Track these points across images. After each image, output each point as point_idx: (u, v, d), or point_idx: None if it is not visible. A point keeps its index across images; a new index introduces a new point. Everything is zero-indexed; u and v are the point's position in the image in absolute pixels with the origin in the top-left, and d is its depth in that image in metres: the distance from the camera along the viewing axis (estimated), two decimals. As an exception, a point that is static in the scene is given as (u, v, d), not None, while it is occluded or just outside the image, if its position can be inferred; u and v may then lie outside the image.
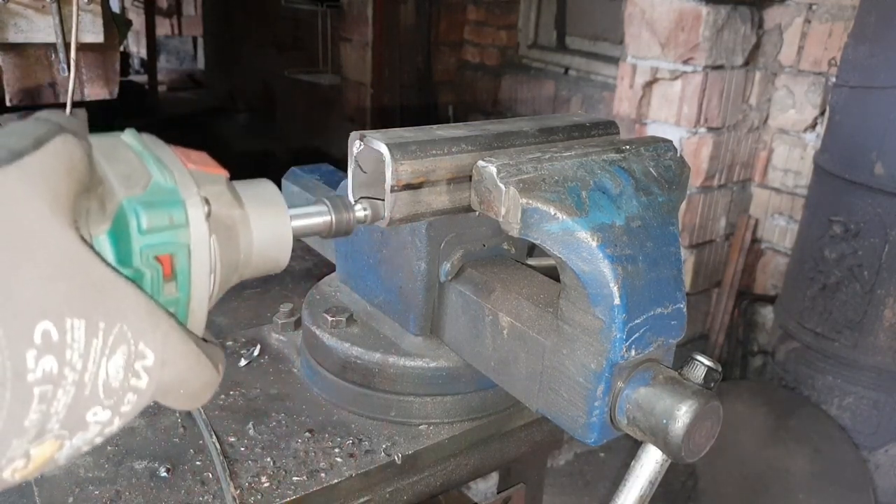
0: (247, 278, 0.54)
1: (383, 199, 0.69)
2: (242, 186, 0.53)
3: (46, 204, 0.35)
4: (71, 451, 0.38)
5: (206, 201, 0.45)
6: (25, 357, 0.33)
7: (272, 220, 0.53)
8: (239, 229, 0.51)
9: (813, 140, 2.86)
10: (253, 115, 6.85)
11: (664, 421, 0.61)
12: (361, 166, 0.74)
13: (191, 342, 0.42)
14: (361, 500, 0.79)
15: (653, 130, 2.83)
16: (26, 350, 0.33)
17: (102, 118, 0.50)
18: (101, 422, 0.38)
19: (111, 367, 0.37)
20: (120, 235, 0.42)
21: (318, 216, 0.62)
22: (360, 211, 0.66)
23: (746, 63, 2.82)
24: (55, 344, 0.34)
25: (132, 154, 0.45)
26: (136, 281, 0.41)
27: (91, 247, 0.38)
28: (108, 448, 0.79)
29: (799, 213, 2.85)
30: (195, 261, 0.44)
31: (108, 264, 0.39)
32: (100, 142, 0.44)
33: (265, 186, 0.55)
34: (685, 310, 0.70)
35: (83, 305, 0.36)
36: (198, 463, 0.78)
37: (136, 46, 8.36)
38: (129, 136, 0.47)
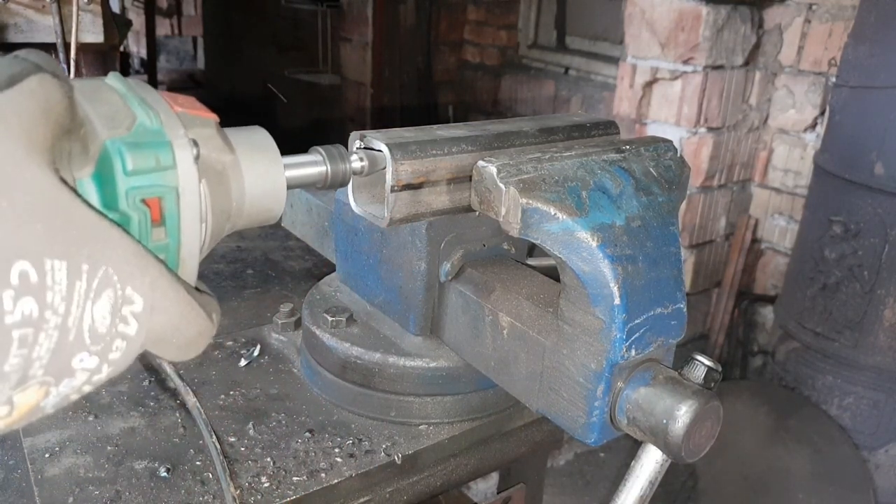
0: (239, 228, 0.52)
1: (380, 150, 0.67)
2: (234, 133, 0.51)
3: (21, 144, 0.34)
4: (58, 399, 0.37)
5: (195, 143, 0.44)
6: (2, 298, 0.32)
7: (265, 167, 0.51)
8: (230, 175, 0.49)
9: (813, 140, 2.86)
10: (253, 115, 6.85)
11: (664, 421, 0.61)
12: (361, 166, 0.74)
13: (182, 289, 0.41)
14: (361, 500, 0.79)
15: (653, 130, 2.83)
16: (2, 291, 0.32)
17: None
18: (89, 368, 0.37)
19: (97, 311, 0.36)
20: (104, 178, 0.41)
21: (312, 165, 0.59)
22: (357, 162, 0.64)
23: (746, 63, 2.82)
24: (34, 285, 0.33)
25: (116, 96, 0.43)
26: (122, 225, 0.40)
27: (72, 188, 0.37)
28: (108, 448, 0.79)
29: (799, 213, 2.85)
30: (184, 205, 0.43)
31: (91, 206, 0.37)
32: (82, 84, 0.43)
33: (258, 133, 0.53)
34: (685, 310, 0.70)
35: (64, 247, 0.34)
36: (198, 463, 0.78)
37: (136, 46, 8.36)
38: (113, 79, 0.45)
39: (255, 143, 0.52)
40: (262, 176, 0.51)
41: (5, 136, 0.33)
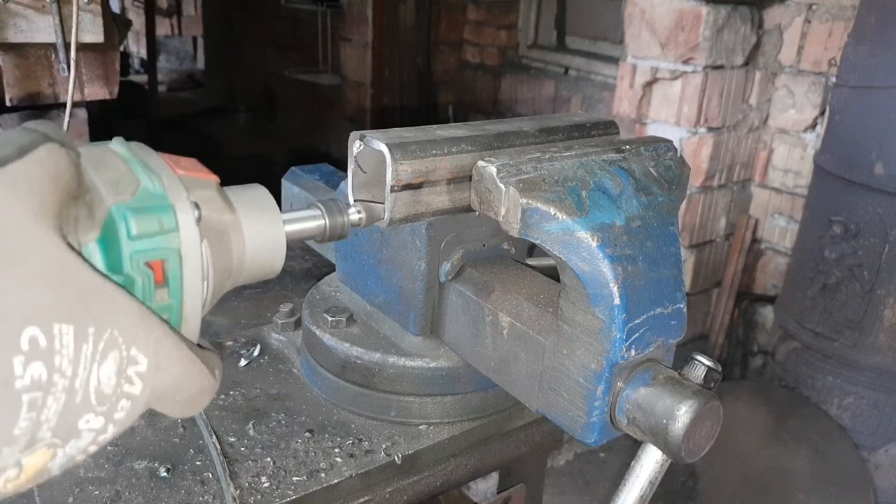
0: (241, 284, 0.54)
1: (380, 202, 0.68)
2: (234, 192, 0.53)
3: (31, 211, 0.35)
4: (64, 461, 0.38)
5: (196, 206, 0.45)
6: (12, 363, 0.33)
7: (265, 225, 0.53)
8: (231, 234, 0.50)
9: (813, 140, 2.86)
10: (253, 115, 6.85)
11: (664, 421, 0.61)
12: (361, 166, 0.74)
13: (185, 347, 0.42)
14: (361, 500, 0.79)
15: (653, 130, 2.83)
16: (13, 356, 0.33)
17: (102, 118, 0.49)
18: (95, 429, 0.38)
19: (103, 373, 0.37)
20: (109, 242, 0.42)
21: (311, 220, 0.61)
22: (355, 214, 0.65)
23: (746, 63, 2.82)
24: (43, 350, 0.34)
25: (120, 161, 0.44)
26: (127, 287, 0.41)
27: (78, 253, 0.38)
28: (108, 448, 0.79)
29: (799, 213, 2.85)
30: (187, 266, 0.44)
31: (97, 270, 0.38)
32: (87, 150, 0.44)
33: (257, 191, 0.54)
34: (685, 310, 0.70)
35: (71, 311, 0.35)
36: (198, 463, 0.78)
37: (136, 46, 8.36)
38: (117, 145, 0.46)
39: (255, 202, 0.53)
40: (262, 233, 0.52)
41: (17, 204, 0.34)
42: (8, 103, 1.42)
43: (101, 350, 0.37)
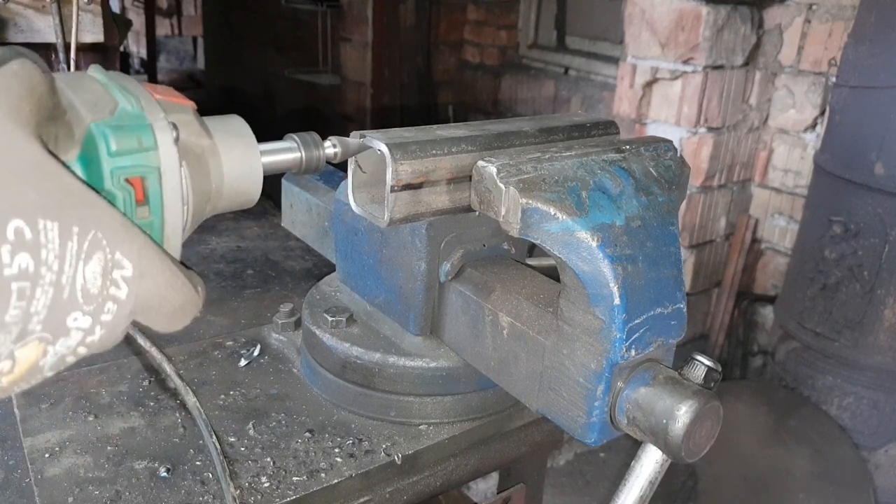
0: (220, 211, 0.55)
1: (357, 139, 0.69)
2: (212, 120, 0.54)
3: (8, 118, 0.36)
4: (55, 360, 0.39)
5: (174, 126, 0.46)
6: (0, 251, 0.34)
7: (242, 152, 0.54)
8: (209, 159, 0.51)
9: (813, 140, 2.86)
10: (253, 115, 6.85)
11: (664, 421, 0.61)
12: (361, 166, 0.74)
13: (167, 259, 0.43)
14: (361, 500, 0.79)
15: (653, 130, 2.83)
16: (1, 245, 0.34)
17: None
18: (83, 328, 0.39)
19: (88, 272, 0.38)
20: (90, 159, 0.43)
21: (287, 151, 0.62)
22: (330, 148, 0.65)
23: (746, 63, 2.82)
24: (29, 242, 0.35)
25: (98, 85, 0.46)
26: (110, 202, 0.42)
27: (59, 159, 0.39)
28: (108, 448, 0.79)
29: (799, 213, 2.85)
30: (166, 184, 0.45)
31: (79, 177, 0.40)
32: (65, 75, 0.46)
33: (234, 120, 0.56)
34: (685, 310, 0.70)
35: (55, 209, 0.37)
36: (198, 463, 0.78)
37: (136, 46, 8.36)
38: (94, 71, 0.48)
39: (232, 130, 0.55)
40: (239, 160, 0.54)
41: None
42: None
43: (85, 249, 0.38)
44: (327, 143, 0.65)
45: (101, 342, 0.40)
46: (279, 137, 0.62)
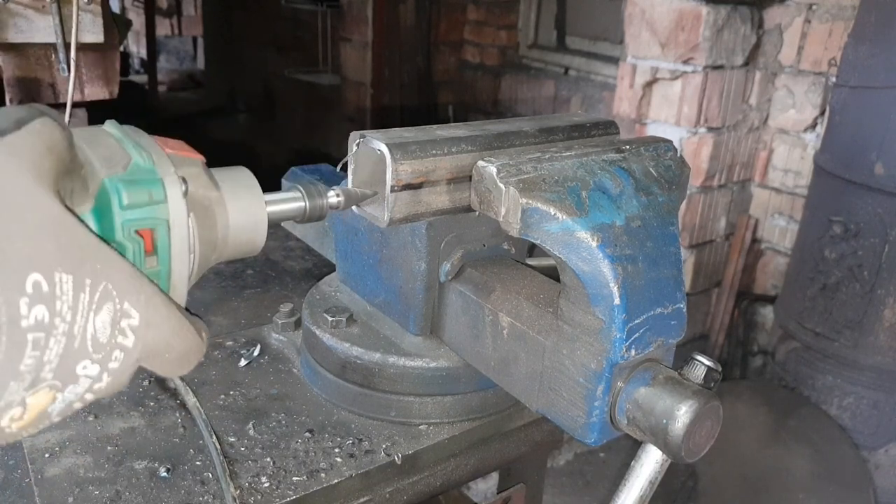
0: (225, 259, 0.57)
1: (363, 191, 0.70)
2: (219, 172, 0.56)
3: (31, 175, 0.38)
4: (63, 406, 0.40)
5: (184, 180, 0.48)
6: (19, 304, 0.36)
7: (247, 203, 0.56)
8: (216, 210, 0.54)
9: (813, 140, 2.86)
10: (253, 115, 6.85)
11: (664, 421, 0.61)
12: (362, 166, 0.74)
13: (174, 308, 0.45)
14: (361, 500, 0.79)
15: (653, 130, 2.83)
16: (19, 298, 0.36)
17: (102, 118, 0.52)
18: (91, 376, 0.41)
19: (98, 322, 0.40)
20: (103, 212, 0.45)
21: (292, 202, 0.64)
22: (333, 197, 0.67)
23: (746, 63, 2.82)
24: (45, 294, 0.37)
25: (112, 139, 0.48)
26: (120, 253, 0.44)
27: (75, 214, 0.41)
28: (108, 448, 0.79)
29: (799, 213, 2.85)
30: (174, 235, 0.47)
31: (92, 230, 0.42)
32: (81, 130, 0.48)
33: (241, 172, 0.58)
34: (685, 310, 0.70)
35: (70, 262, 0.39)
36: (198, 463, 0.78)
37: (136, 46, 8.36)
38: (109, 126, 0.50)
39: (239, 181, 0.57)
40: (244, 211, 0.56)
41: (18, 167, 0.38)
42: (8, 103, 1.42)
43: (96, 300, 0.40)
44: (331, 193, 0.67)
45: (108, 388, 0.42)
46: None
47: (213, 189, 0.54)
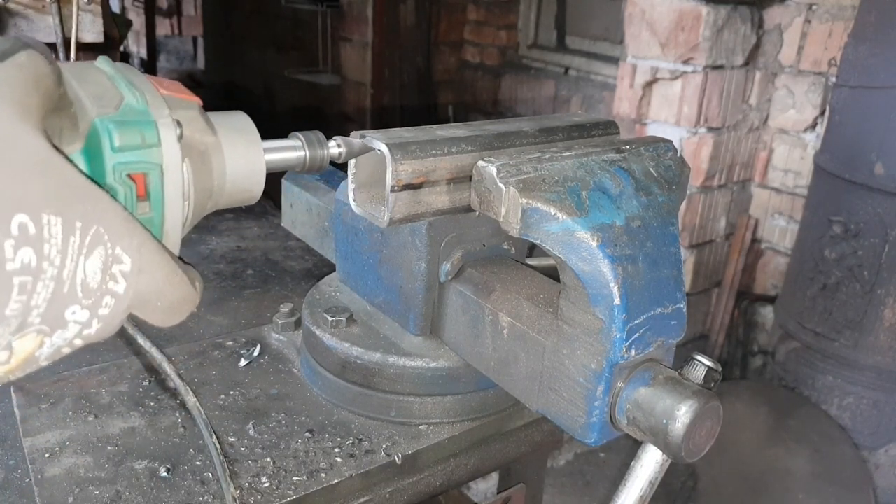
0: (221, 207, 0.55)
1: (359, 139, 0.68)
2: (217, 116, 0.54)
3: (15, 111, 0.36)
4: (51, 350, 0.39)
5: (178, 123, 0.46)
6: (4, 247, 0.35)
7: (245, 149, 0.54)
8: (212, 155, 0.51)
9: (813, 140, 2.86)
10: (253, 115, 6.85)
11: (664, 421, 0.61)
12: (362, 166, 0.74)
13: (167, 255, 0.43)
14: (361, 500, 0.79)
15: (653, 130, 2.83)
16: (4, 240, 0.35)
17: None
18: (80, 322, 0.39)
19: (89, 266, 0.39)
20: (93, 153, 0.43)
21: (291, 150, 0.62)
22: (334, 147, 0.65)
23: (746, 63, 2.82)
24: (32, 237, 0.36)
25: (104, 77, 0.46)
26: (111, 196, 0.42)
27: (64, 154, 0.39)
28: (108, 448, 0.79)
29: (799, 213, 2.85)
30: (168, 181, 0.46)
31: (82, 171, 0.40)
32: (72, 66, 0.46)
33: (239, 117, 0.56)
34: (685, 310, 0.70)
35: (59, 204, 0.37)
36: (198, 463, 0.78)
37: (136, 46, 8.36)
38: (101, 62, 0.48)
39: (237, 126, 0.55)
40: (242, 157, 0.54)
41: (1, 103, 0.36)
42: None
43: (87, 244, 0.38)
44: (332, 143, 0.65)
45: (98, 334, 0.41)
46: (281, 137, 0.63)
47: (210, 134, 0.51)
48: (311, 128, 0.66)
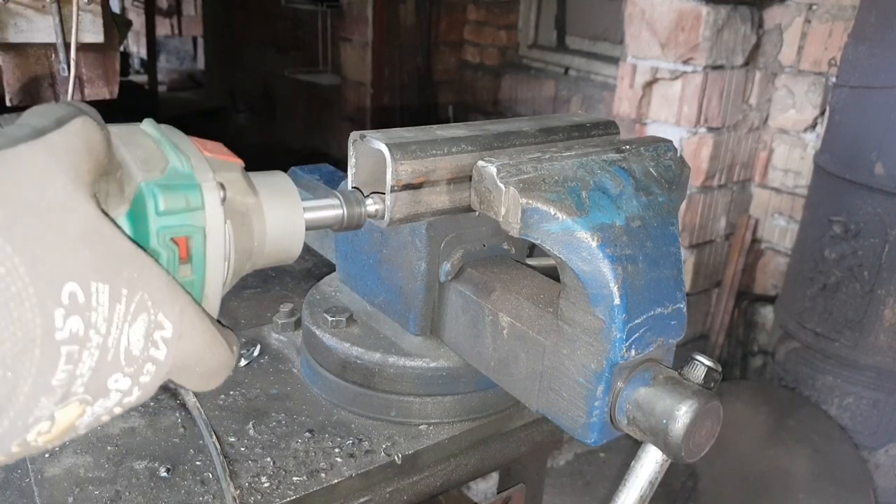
0: (259, 267, 0.55)
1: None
2: (257, 177, 0.55)
3: (69, 178, 0.37)
4: (91, 419, 0.39)
5: (222, 186, 0.47)
6: (54, 316, 0.35)
7: (286, 210, 0.54)
8: (253, 217, 0.52)
9: (813, 140, 2.86)
10: (253, 115, 6.85)
11: (664, 421, 0.61)
12: (362, 166, 0.74)
13: (207, 320, 0.43)
14: (361, 500, 0.79)
15: (653, 130, 2.83)
16: (55, 309, 0.35)
17: (102, 119, 0.51)
18: (122, 390, 0.39)
19: (133, 334, 0.38)
20: (138, 217, 0.43)
21: (330, 209, 0.63)
22: (372, 205, 0.67)
23: (746, 63, 2.82)
24: (81, 305, 0.36)
25: (150, 141, 0.46)
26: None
27: (112, 219, 0.39)
28: (108, 448, 0.79)
29: (799, 213, 2.85)
30: (210, 244, 0.46)
31: (129, 237, 0.40)
32: (119, 129, 0.46)
33: (280, 178, 0.56)
34: (685, 310, 0.70)
35: (107, 271, 0.37)
36: (198, 463, 0.78)
37: (136, 46, 8.36)
38: (147, 125, 0.48)
39: (277, 187, 0.55)
40: (282, 218, 0.54)
41: (57, 170, 0.37)
42: (8, 103, 1.42)
43: (132, 311, 0.38)
44: (369, 201, 0.66)
45: (137, 401, 0.41)
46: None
47: (251, 195, 0.52)
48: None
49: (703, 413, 0.61)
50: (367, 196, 0.67)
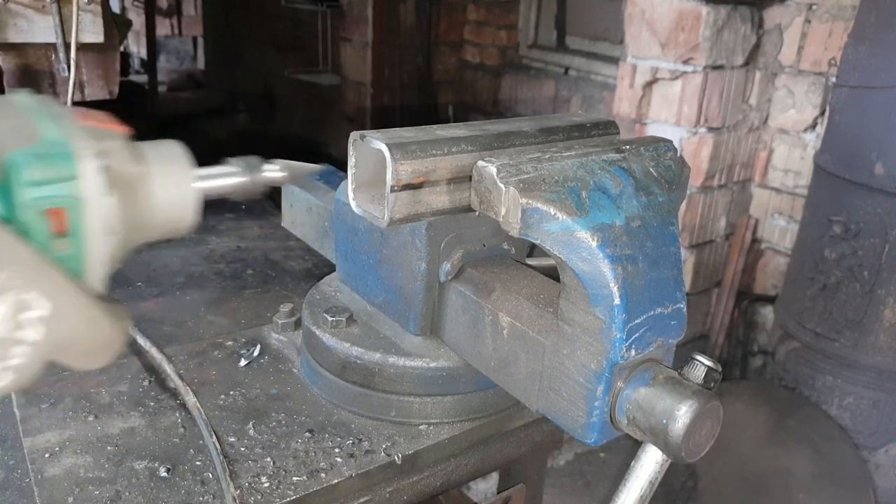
0: (154, 239, 0.53)
1: (305, 165, 0.68)
2: (147, 146, 0.53)
3: None
4: None
5: (103, 155, 0.45)
6: None
7: (175, 179, 0.52)
8: (139, 187, 0.50)
9: (813, 140, 2.86)
10: (253, 115, 6.85)
11: (664, 421, 0.61)
12: (362, 166, 0.74)
13: (84, 297, 0.41)
14: (361, 500, 0.79)
15: (653, 130, 2.83)
16: None
17: None
18: None
19: None
20: (7, 189, 0.41)
21: (227, 176, 0.60)
22: (273, 172, 0.64)
23: (746, 63, 2.81)
24: None
25: (21, 111, 0.45)
26: (24, 235, 0.40)
27: None
28: (108, 448, 0.79)
29: (799, 213, 2.85)
30: (89, 215, 0.43)
31: None
32: None
33: (170, 146, 0.54)
34: (685, 310, 0.70)
35: None
36: (198, 463, 0.78)
37: (136, 46, 8.35)
38: (19, 96, 0.46)
39: (166, 156, 0.53)
40: (172, 187, 0.52)
41: None
42: (8, 103, 1.42)
43: None
44: (270, 167, 0.64)
45: (12, 385, 0.39)
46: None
47: (137, 164, 0.49)
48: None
49: (703, 413, 0.61)
50: (270, 162, 0.65)
